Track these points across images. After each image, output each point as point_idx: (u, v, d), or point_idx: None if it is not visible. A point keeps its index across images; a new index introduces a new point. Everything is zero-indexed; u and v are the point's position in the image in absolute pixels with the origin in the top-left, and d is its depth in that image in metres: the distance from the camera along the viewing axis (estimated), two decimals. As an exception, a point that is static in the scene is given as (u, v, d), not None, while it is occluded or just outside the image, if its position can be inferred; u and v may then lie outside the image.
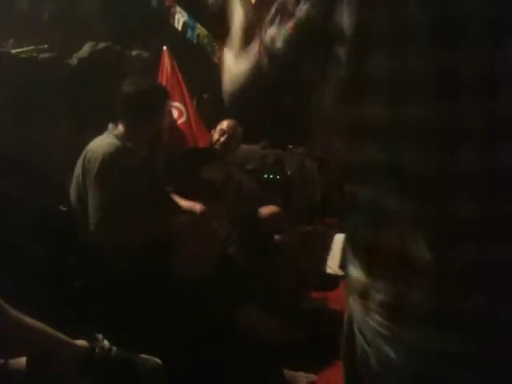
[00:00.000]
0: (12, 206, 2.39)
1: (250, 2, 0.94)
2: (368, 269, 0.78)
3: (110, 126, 2.44)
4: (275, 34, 0.80)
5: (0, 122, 2.77)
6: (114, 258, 2.16)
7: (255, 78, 0.87)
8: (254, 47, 0.86)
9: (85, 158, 2.31)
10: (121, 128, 2.43)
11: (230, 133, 3.44)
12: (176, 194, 2.78)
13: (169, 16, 4.84)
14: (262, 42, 0.83)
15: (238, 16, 0.94)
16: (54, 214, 2.48)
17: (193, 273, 2.25)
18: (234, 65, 0.92)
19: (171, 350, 1.75)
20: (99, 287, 2.12)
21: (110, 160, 2.24)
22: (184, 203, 2.72)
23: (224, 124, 3.48)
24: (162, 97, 2.63)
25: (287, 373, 2.21)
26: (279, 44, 0.79)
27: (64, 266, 2.25)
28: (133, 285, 2.09)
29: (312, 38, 0.77)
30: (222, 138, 3.43)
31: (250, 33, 0.89)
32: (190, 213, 2.59)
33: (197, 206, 2.67)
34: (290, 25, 0.78)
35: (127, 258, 2.15)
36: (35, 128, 2.96)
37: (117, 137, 2.38)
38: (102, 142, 2.35)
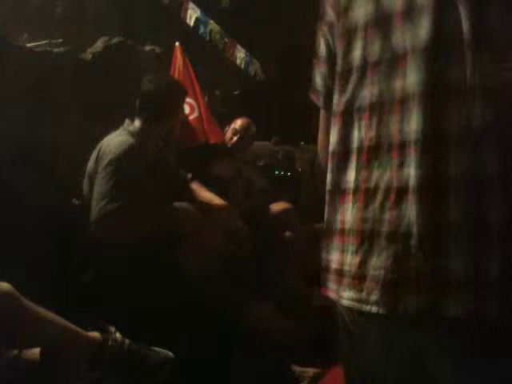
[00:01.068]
0: (22, 199, 2.41)
1: None
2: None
3: (126, 121, 2.45)
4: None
5: (13, 115, 2.79)
6: (118, 253, 2.17)
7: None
8: None
9: (98, 153, 2.32)
10: (136, 124, 2.44)
11: (242, 132, 3.43)
12: (198, 181, 2.76)
13: (181, 12, 4.84)
14: None
15: None
16: (65, 207, 2.50)
17: (198, 269, 2.25)
18: None
19: (176, 345, 1.76)
20: (106, 281, 2.14)
21: (122, 158, 2.24)
22: (204, 194, 2.70)
23: (237, 123, 3.47)
24: (179, 95, 2.63)
25: (295, 368, 2.22)
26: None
27: (72, 259, 2.27)
28: (135, 280, 2.09)
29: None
30: (235, 138, 3.42)
31: None
32: (205, 206, 2.57)
33: (217, 201, 2.65)
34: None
35: (131, 253, 2.15)
36: (48, 121, 2.98)
37: (131, 134, 2.39)
38: (117, 139, 2.35)
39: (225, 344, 2.13)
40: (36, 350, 1.51)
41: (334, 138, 0.87)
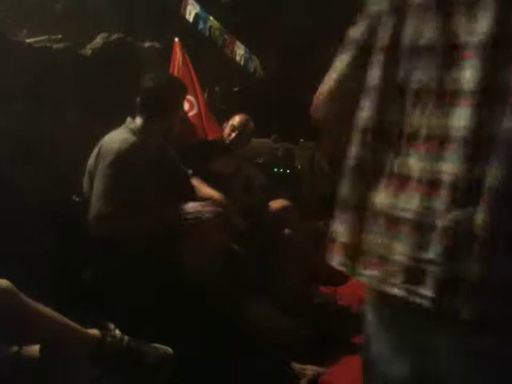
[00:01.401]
0: (22, 196, 2.41)
1: None
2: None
3: (128, 119, 2.45)
4: None
5: (12, 111, 2.79)
6: (117, 251, 2.17)
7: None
8: None
9: (99, 150, 2.31)
10: (138, 122, 2.44)
11: (240, 129, 3.42)
12: (198, 177, 2.77)
13: (180, 7, 4.83)
14: None
15: None
16: (66, 204, 2.50)
17: (198, 266, 2.25)
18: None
19: (176, 344, 1.76)
20: (105, 279, 2.14)
21: (123, 156, 2.24)
22: (205, 190, 2.70)
23: (235, 119, 3.46)
24: (180, 92, 2.63)
25: (295, 366, 2.22)
26: None
27: (72, 256, 2.27)
28: (135, 278, 2.09)
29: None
30: (233, 134, 3.42)
31: None
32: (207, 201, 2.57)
33: (217, 197, 2.66)
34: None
35: (130, 251, 2.15)
36: (47, 117, 2.98)
37: (133, 131, 2.38)
38: (118, 137, 2.35)
39: (225, 343, 2.13)
40: (36, 347, 1.51)
41: (367, 112, 0.84)
